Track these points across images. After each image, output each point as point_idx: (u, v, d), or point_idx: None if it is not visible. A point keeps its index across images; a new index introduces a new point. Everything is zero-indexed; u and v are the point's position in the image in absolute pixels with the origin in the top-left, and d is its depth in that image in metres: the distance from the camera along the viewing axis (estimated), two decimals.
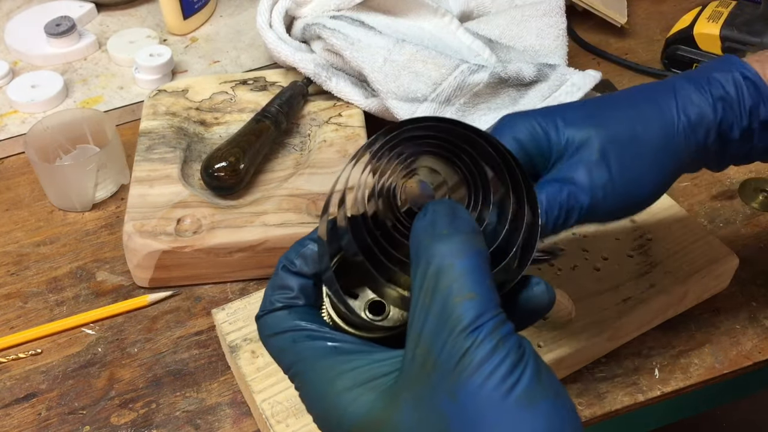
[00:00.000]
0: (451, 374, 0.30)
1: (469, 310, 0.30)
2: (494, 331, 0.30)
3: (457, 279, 0.31)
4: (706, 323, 0.61)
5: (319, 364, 0.35)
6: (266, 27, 0.77)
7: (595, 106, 0.47)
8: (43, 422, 0.56)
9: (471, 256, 0.32)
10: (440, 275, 0.31)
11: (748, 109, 0.46)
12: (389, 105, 0.72)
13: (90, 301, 0.64)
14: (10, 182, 0.75)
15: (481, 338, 0.30)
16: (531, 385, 0.30)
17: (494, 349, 0.30)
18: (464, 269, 0.31)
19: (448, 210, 0.33)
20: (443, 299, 0.31)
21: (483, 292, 0.31)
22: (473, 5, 0.85)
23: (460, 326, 0.30)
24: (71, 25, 0.86)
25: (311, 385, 0.35)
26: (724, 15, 0.83)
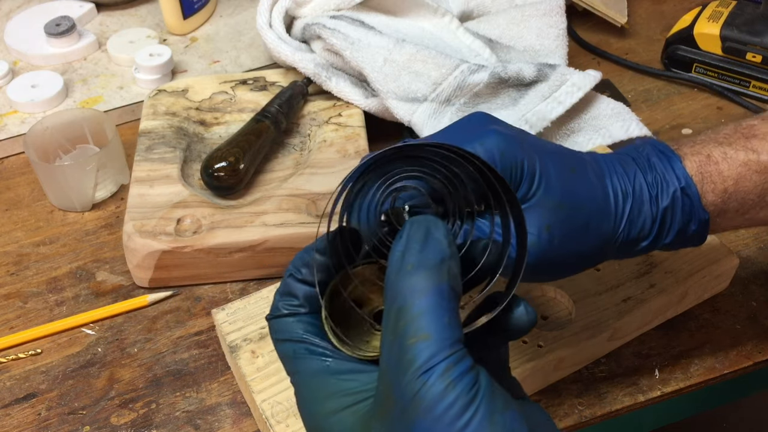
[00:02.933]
0: (405, 413, 0.31)
1: (422, 352, 0.31)
2: (445, 373, 0.30)
3: (413, 320, 0.31)
4: (706, 323, 0.61)
5: (313, 382, 0.36)
6: (266, 27, 0.77)
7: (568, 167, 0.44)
8: (43, 422, 0.56)
9: (430, 295, 0.32)
10: (399, 315, 0.32)
11: (677, 229, 0.45)
12: (389, 105, 0.72)
13: (90, 301, 0.64)
14: (10, 182, 0.75)
15: (431, 381, 0.30)
16: (482, 426, 0.30)
17: (444, 392, 0.30)
18: (421, 309, 0.31)
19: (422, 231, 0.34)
20: (400, 339, 0.31)
21: (438, 331, 0.31)
22: (473, 5, 0.85)
23: (412, 368, 0.31)
24: (71, 25, 0.86)
25: (303, 400, 0.37)
26: (724, 15, 0.83)
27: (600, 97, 0.75)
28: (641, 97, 0.84)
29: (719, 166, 0.46)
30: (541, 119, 0.71)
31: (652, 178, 0.45)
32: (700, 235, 0.47)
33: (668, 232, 0.45)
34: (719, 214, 0.46)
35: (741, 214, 0.47)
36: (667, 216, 0.45)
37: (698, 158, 0.46)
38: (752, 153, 0.46)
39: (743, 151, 0.46)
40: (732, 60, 0.83)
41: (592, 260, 0.45)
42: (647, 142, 0.48)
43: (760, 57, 0.81)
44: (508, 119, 0.72)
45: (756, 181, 0.46)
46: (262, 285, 0.62)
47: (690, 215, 0.45)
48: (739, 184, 0.46)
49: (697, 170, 0.46)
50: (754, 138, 0.47)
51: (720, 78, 0.84)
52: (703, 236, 0.47)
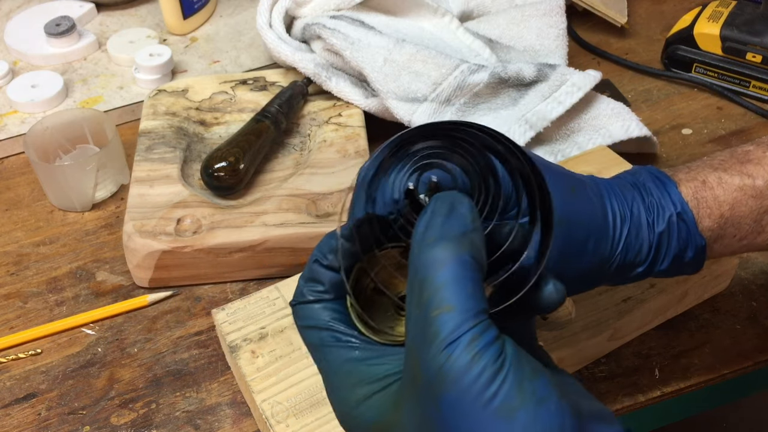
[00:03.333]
0: (432, 387, 0.30)
1: (446, 324, 0.30)
2: (471, 344, 0.30)
3: (436, 291, 0.31)
4: (706, 323, 0.61)
5: (341, 370, 0.36)
6: (266, 27, 0.77)
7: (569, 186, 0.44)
8: (43, 422, 0.56)
9: (451, 265, 0.32)
10: (423, 287, 0.32)
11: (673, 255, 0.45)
12: (389, 105, 0.72)
13: (90, 301, 0.64)
14: (10, 182, 0.75)
15: (456, 353, 0.30)
16: (509, 396, 0.30)
17: (470, 364, 0.30)
18: (443, 280, 0.31)
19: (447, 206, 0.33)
20: (424, 312, 0.31)
21: (461, 302, 0.31)
22: (473, 5, 0.85)
23: (437, 341, 0.30)
24: (71, 25, 0.86)
25: (332, 389, 0.37)
26: (724, 15, 0.83)
27: (600, 97, 0.75)
28: (641, 97, 0.84)
29: (715, 191, 0.46)
30: (541, 119, 0.71)
31: (648, 202, 0.45)
32: (696, 262, 0.46)
33: (664, 258, 0.45)
34: (716, 239, 0.46)
35: (738, 239, 0.46)
36: (663, 241, 0.45)
37: (694, 184, 0.46)
38: (747, 178, 0.46)
39: (738, 176, 0.46)
40: (732, 60, 0.83)
41: (589, 282, 0.45)
42: (643, 168, 0.48)
43: (760, 57, 0.81)
44: (508, 119, 0.72)
45: (752, 206, 0.46)
46: (262, 285, 0.62)
47: (686, 241, 0.45)
48: (735, 209, 0.45)
49: (693, 195, 0.46)
50: (749, 163, 0.47)
51: (720, 78, 0.84)
52: (700, 263, 0.46)
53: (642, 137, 0.73)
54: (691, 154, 0.77)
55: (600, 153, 0.69)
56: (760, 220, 0.46)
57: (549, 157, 0.72)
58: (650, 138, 0.73)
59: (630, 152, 0.73)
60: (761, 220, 0.46)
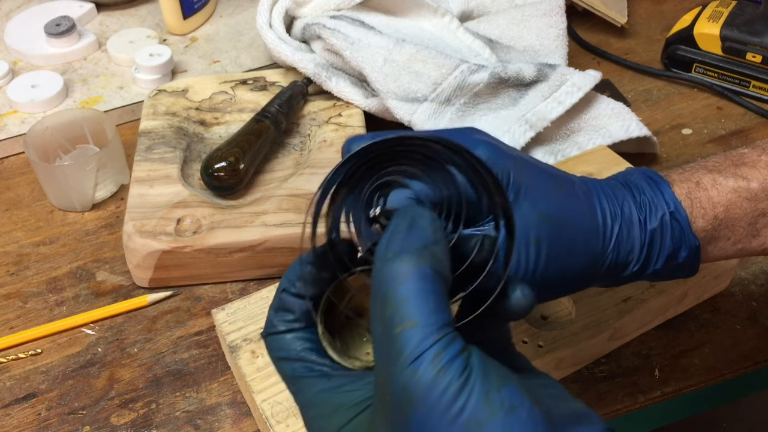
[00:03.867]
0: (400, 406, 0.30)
1: (409, 340, 0.30)
2: (435, 359, 0.29)
3: (398, 307, 0.31)
4: (706, 323, 0.61)
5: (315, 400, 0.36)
6: (266, 27, 0.77)
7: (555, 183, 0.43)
8: (43, 422, 0.56)
9: (412, 279, 0.31)
10: (384, 303, 0.31)
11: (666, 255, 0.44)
12: (389, 105, 0.72)
13: (90, 301, 0.64)
14: (10, 182, 0.75)
15: (421, 370, 0.29)
16: (477, 410, 0.29)
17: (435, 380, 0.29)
18: (405, 295, 0.31)
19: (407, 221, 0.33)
20: (387, 329, 0.31)
21: (423, 316, 0.30)
22: (473, 5, 0.85)
23: (401, 358, 0.30)
24: (71, 25, 0.86)
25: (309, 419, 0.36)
26: (724, 15, 0.83)
27: (600, 97, 0.75)
28: (641, 97, 0.84)
29: (709, 192, 0.45)
30: (541, 119, 0.71)
31: (640, 200, 0.45)
32: (691, 264, 0.46)
33: (657, 258, 0.44)
34: (710, 241, 0.46)
35: (732, 243, 0.46)
36: (655, 240, 0.44)
37: (687, 184, 0.46)
38: (742, 180, 0.45)
39: (733, 178, 0.46)
40: (732, 60, 0.83)
41: (580, 282, 0.44)
42: (637, 169, 0.48)
43: (760, 57, 0.81)
44: (508, 119, 0.72)
45: (746, 209, 0.45)
46: (262, 285, 0.62)
47: (680, 241, 0.45)
48: (730, 211, 0.45)
49: (687, 195, 0.45)
50: (743, 165, 0.46)
51: (720, 78, 0.84)
52: (695, 265, 0.46)
53: (642, 137, 0.73)
54: (691, 154, 0.77)
55: (600, 153, 0.69)
56: (754, 223, 0.45)
57: (549, 158, 0.72)
58: (650, 138, 0.73)
59: (630, 152, 0.73)
60: (756, 223, 0.45)
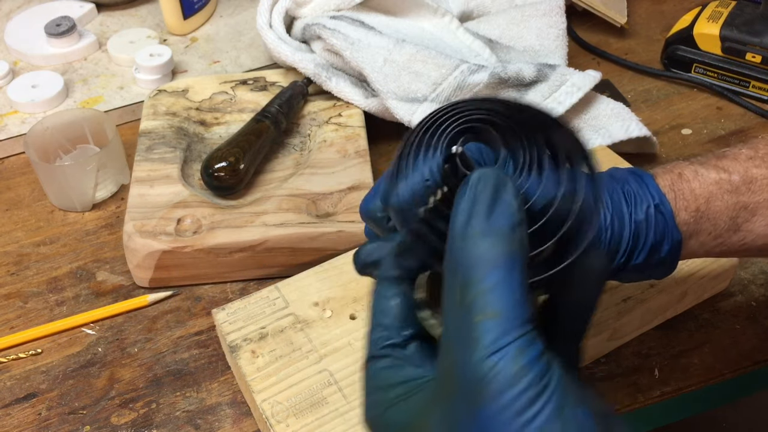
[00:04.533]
0: (469, 396, 0.29)
1: (490, 332, 0.28)
2: (517, 357, 0.28)
3: (481, 295, 0.29)
4: (706, 323, 0.61)
5: (379, 375, 0.35)
6: (266, 27, 0.77)
7: None
8: (44, 422, 0.56)
9: (500, 267, 0.29)
10: (465, 288, 0.29)
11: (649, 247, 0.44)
12: (389, 105, 0.72)
13: (90, 301, 0.64)
14: (10, 182, 0.75)
15: (501, 365, 0.28)
16: (549, 421, 0.28)
17: (514, 378, 0.28)
18: (490, 284, 0.29)
19: (490, 192, 0.31)
20: (466, 315, 0.29)
21: (508, 309, 0.29)
22: (473, 5, 0.85)
23: (479, 349, 0.28)
24: (71, 25, 0.86)
25: (367, 392, 0.36)
26: (724, 15, 0.83)
27: (600, 97, 0.75)
28: (641, 97, 0.84)
29: (691, 183, 0.45)
30: None
31: (626, 191, 0.44)
32: (671, 260, 0.45)
33: (641, 251, 0.44)
34: (691, 235, 0.45)
35: (713, 237, 0.46)
36: (641, 231, 0.43)
37: (670, 176, 0.46)
38: (723, 172, 0.45)
39: (714, 171, 0.45)
40: (732, 60, 0.83)
41: None
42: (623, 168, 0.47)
43: (759, 57, 0.81)
44: None
45: (728, 202, 0.45)
46: (262, 285, 0.62)
47: (663, 234, 0.44)
48: (711, 203, 0.45)
49: (670, 187, 0.45)
50: (725, 158, 0.46)
51: (720, 78, 0.84)
52: (674, 262, 0.46)
53: (642, 137, 0.73)
54: (691, 154, 0.77)
55: (600, 153, 0.69)
56: (735, 217, 0.45)
57: None
58: (650, 138, 0.73)
59: (630, 152, 0.73)
60: (737, 217, 0.45)
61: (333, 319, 0.56)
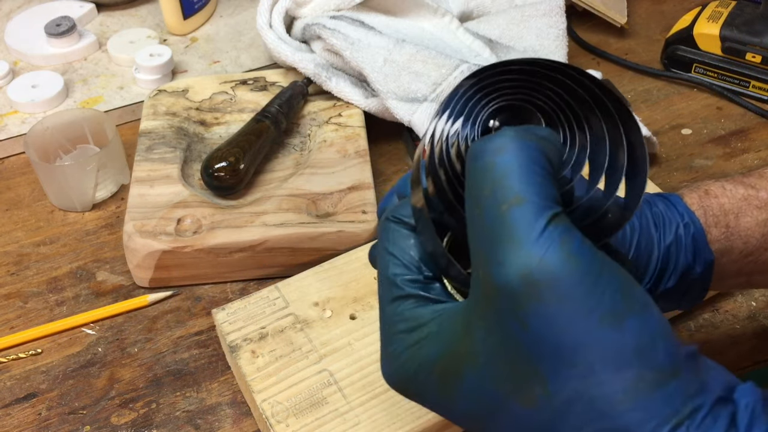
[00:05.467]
0: (515, 299, 0.26)
1: (520, 219, 0.26)
2: (563, 243, 0.25)
3: (501, 180, 0.26)
4: (706, 323, 0.61)
5: (405, 313, 0.32)
6: (266, 27, 0.77)
7: None
8: (44, 422, 0.56)
9: (516, 150, 0.26)
10: (483, 180, 0.27)
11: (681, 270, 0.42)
12: (389, 105, 0.72)
13: (90, 301, 0.64)
14: (10, 182, 0.75)
15: (549, 254, 0.25)
16: (616, 300, 0.25)
17: (568, 264, 0.25)
18: (508, 167, 0.26)
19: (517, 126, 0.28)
20: (489, 209, 0.26)
21: (532, 192, 0.26)
22: (473, 5, 0.85)
23: (511, 243, 0.25)
24: (71, 25, 0.86)
25: (389, 334, 0.32)
26: (724, 15, 0.83)
27: None
28: (641, 97, 0.84)
29: (719, 199, 0.44)
30: None
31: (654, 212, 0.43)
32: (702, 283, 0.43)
33: (671, 274, 0.42)
34: (723, 253, 0.44)
35: (744, 255, 0.44)
36: (671, 255, 0.42)
37: (697, 194, 0.44)
38: (751, 189, 0.44)
39: (742, 187, 0.44)
40: (732, 60, 0.83)
41: None
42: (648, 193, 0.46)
43: (759, 57, 0.81)
44: None
45: (758, 218, 0.43)
46: (262, 285, 0.63)
47: (694, 254, 0.42)
48: (740, 220, 0.43)
49: (698, 204, 0.43)
50: (751, 176, 0.45)
51: (720, 78, 0.84)
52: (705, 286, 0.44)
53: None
54: (691, 154, 0.77)
55: None
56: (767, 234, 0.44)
57: None
58: (650, 138, 0.73)
59: None
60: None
61: (333, 319, 0.56)
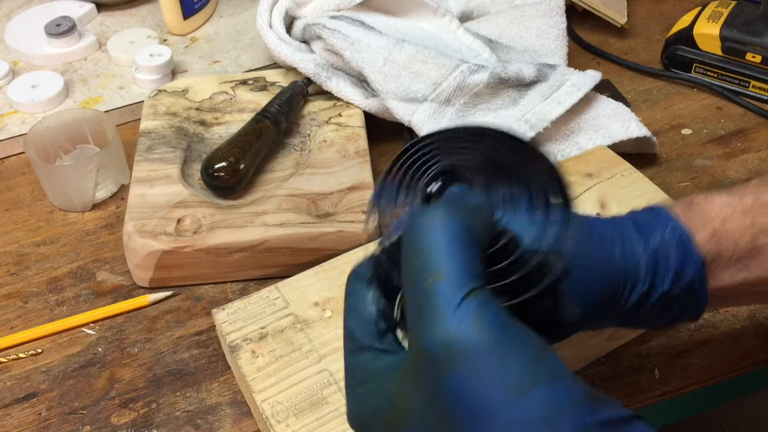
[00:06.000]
0: (436, 363, 0.28)
1: (440, 294, 0.28)
2: (477, 317, 0.28)
3: (425, 257, 0.29)
4: (706, 323, 0.61)
5: (358, 367, 0.35)
6: (266, 27, 0.77)
7: None
8: (44, 422, 0.56)
9: (443, 227, 0.29)
10: (413, 255, 0.30)
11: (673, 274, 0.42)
12: (389, 105, 0.72)
13: (90, 301, 0.64)
14: (10, 182, 0.75)
15: (463, 325, 0.27)
16: (524, 372, 0.27)
17: (479, 336, 0.27)
18: (433, 244, 0.29)
19: (455, 196, 0.32)
20: (415, 282, 0.29)
21: (453, 267, 0.28)
22: (473, 5, 0.85)
23: (435, 313, 0.28)
24: (71, 25, 0.86)
25: (349, 389, 0.36)
26: (724, 15, 0.83)
27: (600, 97, 0.75)
28: (641, 97, 0.84)
29: (704, 206, 0.45)
30: (541, 119, 0.71)
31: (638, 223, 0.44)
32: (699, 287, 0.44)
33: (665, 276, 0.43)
34: (714, 257, 0.44)
35: (735, 260, 0.45)
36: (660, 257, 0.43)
37: (681, 205, 0.45)
38: (735, 196, 0.45)
39: (726, 194, 0.45)
40: (732, 60, 0.83)
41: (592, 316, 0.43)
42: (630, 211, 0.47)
43: (759, 57, 0.81)
44: (508, 119, 0.72)
45: (744, 223, 0.44)
46: (262, 285, 0.62)
47: (684, 256, 0.43)
48: (727, 224, 0.44)
49: (683, 213, 0.45)
50: (732, 188, 0.46)
51: (720, 78, 0.84)
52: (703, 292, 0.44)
53: (642, 137, 0.73)
54: (691, 155, 0.77)
55: (600, 153, 0.69)
56: (755, 239, 0.44)
57: None
58: (650, 138, 0.73)
59: (630, 152, 0.73)
60: (756, 239, 0.44)
61: (333, 319, 0.56)
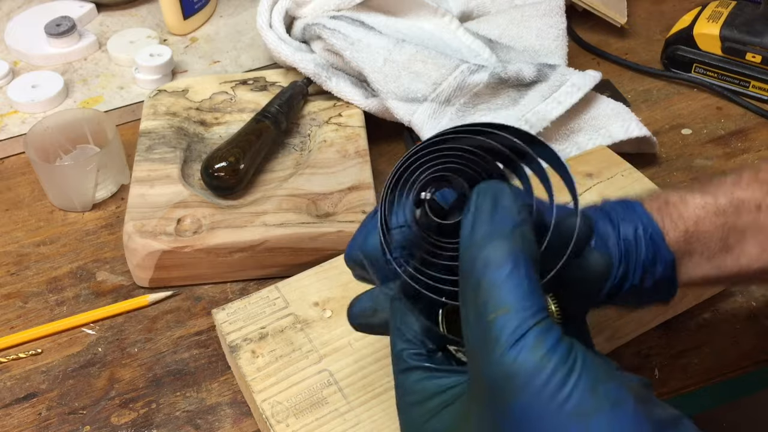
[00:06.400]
0: (499, 393, 0.29)
1: (504, 327, 0.30)
2: (537, 344, 0.29)
3: (490, 293, 0.30)
4: (706, 323, 0.61)
5: (415, 388, 0.36)
6: (266, 27, 0.77)
7: None
8: (44, 422, 0.56)
9: (503, 264, 0.31)
10: (477, 291, 0.31)
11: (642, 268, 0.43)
12: (389, 105, 0.72)
13: (90, 301, 0.64)
14: (10, 182, 0.75)
15: (523, 355, 0.29)
16: (584, 399, 0.29)
17: (539, 365, 0.29)
18: (498, 281, 0.30)
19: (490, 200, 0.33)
20: (480, 317, 0.31)
21: (518, 301, 0.30)
22: (473, 5, 0.85)
23: (498, 346, 0.30)
24: (71, 25, 0.86)
25: (404, 407, 0.37)
26: (724, 15, 0.83)
27: (600, 97, 0.75)
28: (641, 97, 0.84)
29: (678, 207, 0.46)
30: (541, 119, 0.71)
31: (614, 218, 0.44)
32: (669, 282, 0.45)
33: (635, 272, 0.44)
34: (684, 255, 0.45)
35: (707, 258, 0.46)
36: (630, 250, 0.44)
37: (657, 202, 0.46)
38: (709, 196, 0.46)
39: (700, 195, 0.46)
40: (731, 60, 0.83)
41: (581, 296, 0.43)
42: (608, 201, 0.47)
43: (759, 57, 0.81)
44: (508, 119, 0.72)
45: (716, 223, 0.45)
46: (262, 285, 0.62)
47: (654, 253, 0.44)
48: (699, 225, 0.45)
49: (657, 211, 0.45)
50: (710, 185, 0.47)
51: (720, 78, 0.84)
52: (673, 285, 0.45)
53: (641, 137, 0.73)
54: (691, 154, 0.77)
55: (600, 153, 0.69)
56: (726, 238, 0.45)
57: None
58: (650, 138, 0.73)
59: (630, 152, 0.73)
60: (727, 238, 0.45)
61: (333, 319, 0.56)
